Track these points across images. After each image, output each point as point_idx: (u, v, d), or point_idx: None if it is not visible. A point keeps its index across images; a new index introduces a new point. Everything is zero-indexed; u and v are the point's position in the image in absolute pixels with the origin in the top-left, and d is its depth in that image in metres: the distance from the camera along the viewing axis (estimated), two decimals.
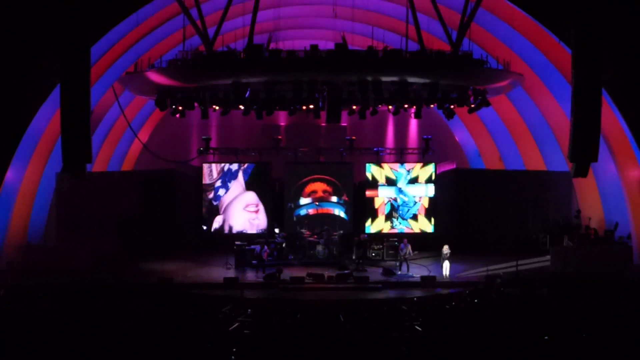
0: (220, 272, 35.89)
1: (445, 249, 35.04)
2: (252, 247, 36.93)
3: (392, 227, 41.08)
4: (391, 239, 39.04)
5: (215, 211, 41.00)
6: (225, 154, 41.16)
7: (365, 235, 39.37)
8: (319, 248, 38.40)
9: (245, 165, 41.07)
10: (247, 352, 19.89)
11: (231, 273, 35.59)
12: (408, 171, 41.19)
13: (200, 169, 41.11)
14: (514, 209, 41.88)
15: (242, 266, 36.82)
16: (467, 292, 31.55)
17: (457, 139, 48.50)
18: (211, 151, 40.71)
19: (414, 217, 41.32)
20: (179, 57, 35.19)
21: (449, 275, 34.72)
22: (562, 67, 36.69)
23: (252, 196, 41.25)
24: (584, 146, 31.06)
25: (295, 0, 41.96)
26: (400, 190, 41.19)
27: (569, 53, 32.32)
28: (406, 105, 36.85)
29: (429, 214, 41.35)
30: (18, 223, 36.93)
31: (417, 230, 41.12)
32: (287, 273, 34.68)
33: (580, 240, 39.25)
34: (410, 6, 35.16)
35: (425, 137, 41.39)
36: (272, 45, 40.60)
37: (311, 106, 35.97)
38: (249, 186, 41.21)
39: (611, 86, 34.19)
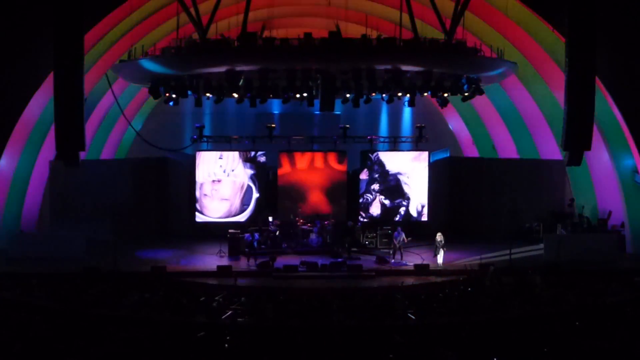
0: (214, 260, 35.89)
1: (439, 237, 35.07)
2: (244, 235, 36.91)
3: None
4: (385, 227, 39.02)
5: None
6: (218, 142, 41.08)
7: (359, 223, 39.39)
8: (313, 236, 38.39)
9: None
10: (241, 340, 19.93)
11: (224, 261, 35.58)
12: None
13: (194, 157, 41.03)
14: (508, 197, 41.93)
15: (236, 254, 36.79)
16: (460, 281, 31.61)
17: (450, 127, 48.49)
18: (204, 139, 40.61)
19: None
20: (172, 45, 35.12)
21: (442, 263, 34.74)
22: (556, 56, 36.69)
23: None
24: (578, 135, 31.17)
25: None
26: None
27: (562, 41, 32.33)
28: (400, 94, 36.86)
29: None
30: (11, 211, 36.91)
31: None
32: (281, 261, 34.72)
33: (574, 228, 39.35)
34: None
35: (418, 125, 41.37)
36: (266, 34, 40.56)
37: (305, 94, 35.96)
38: None
39: (605, 75, 34.21)
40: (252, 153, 40.79)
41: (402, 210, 41.39)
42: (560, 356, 18.73)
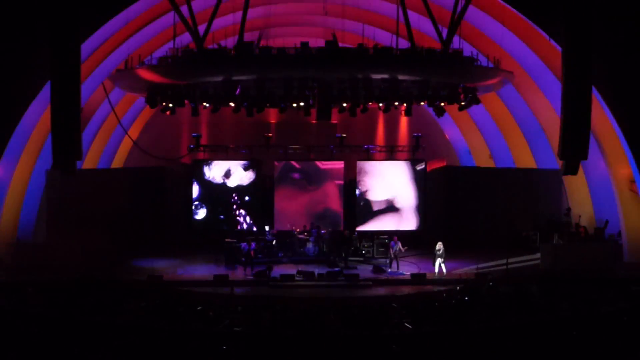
0: (211, 269, 35.92)
1: (438, 246, 34.97)
2: (241, 244, 36.89)
3: None
4: (381, 237, 39.00)
5: None
6: (215, 152, 41.11)
7: (356, 233, 39.34)
8: (309, 245, 38.40)
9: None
10: (237, 349, 19.90)
11: (221, 270, 35.58)
12: None
13: (190, 167, 41.02)
14: (504, 206, 41.92)
15: (232, 263, 36.83)
16: (457, 290, 31.59)
17: (447, 136, 48.53)
18: (201, 148, 40.64)
19: None
20: (169, 54, 35.14)
21: (438, 272, 34.69)
22: (552, 65, 36.73)
23: None
24: (574, 144, 31.11)
25: None
26: None
27: (559, 50, 32.35)
28: (396, 103, 36.85)
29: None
30: (8, 220, 36.83)
31: None
32: (277, 270, 34.73)
33: (570, 238, 39.33)
34: (401, 3, 35.14)
35: (415, 134, 41.41)
36: (263, 43, 40.57)
37: (301, 103, 35.93)
38: None
39: (601, 84, 34.26)
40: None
41: (398, 219, 41.35)
42: None
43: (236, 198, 41.18)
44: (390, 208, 41.73)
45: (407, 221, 41.66)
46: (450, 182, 43.85)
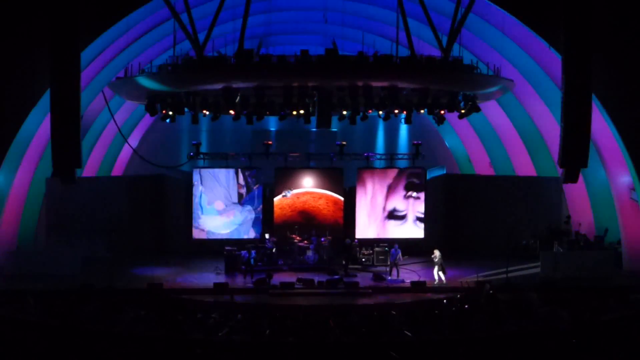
0: (210, 277, 35.81)
1: (435, 253, 34.85)
2: (241, 252, 36.85)
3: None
4: (382, 244, 38.93)
5: None
6: (215, 159, 41.07)
7: (356, 241, 39.27)
8: (309, 253, 38.31)
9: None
10: (237, 357, 19.89)
11: (221, 278, 35.51)
12: None
13: (190, 174, 40.97)
14: (504, 214, 41.80)
15: (232, 271, 36.76)
16: (457, 298, 31.56)
17: (447, 144, 48.52)
18: (201, 156, 40.58)
19: None
20: (169, 62, 35.12)
21: (438, 280, 34.63)
22: (552, 73, 36.74)
23: None
24: (574, 152, 31.15)
25: (285, 5, 41.99)
26: None
27: (559, 59, 32.37)
28: (396, 111, 36.85)
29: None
30: (7, 228, 36.79)
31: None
32: (277, 278, 34.61)
33: (570, 245, 39.30)
34: (401, 12, 35.18)
35: (415, 142, 41.33)
36: (263, 51, 40.61)
37: (301, 111, 35.93)
38: None
39: (601, 92, 34.22)
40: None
41: (398, 227, 41.31)
42: None
43: (234, 204, 41.06)
44: (391, 216, 41.56)
45: (408, 229, 41.49)
46: (450, 190, 43.78)
